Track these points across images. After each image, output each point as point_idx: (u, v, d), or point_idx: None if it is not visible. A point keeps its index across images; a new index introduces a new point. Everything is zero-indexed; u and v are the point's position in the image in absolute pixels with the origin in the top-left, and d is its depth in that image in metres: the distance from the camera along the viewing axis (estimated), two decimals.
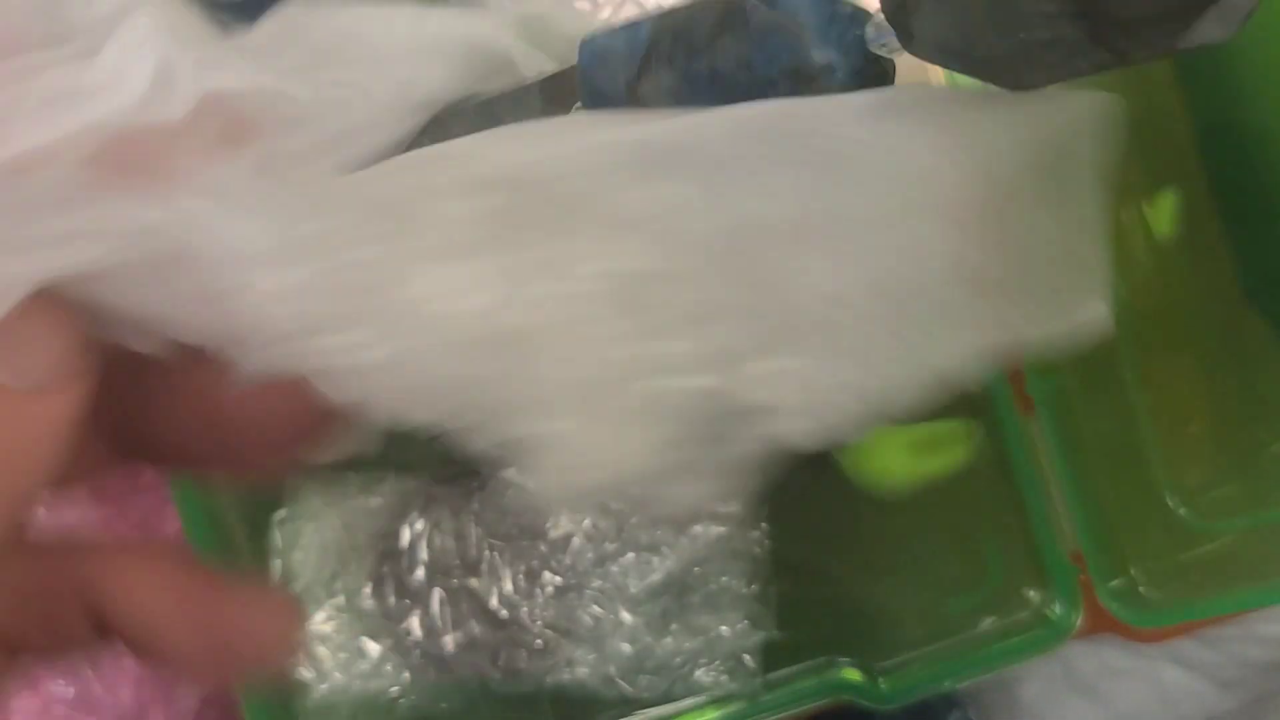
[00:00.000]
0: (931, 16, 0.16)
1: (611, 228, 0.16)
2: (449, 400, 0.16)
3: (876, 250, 0.16)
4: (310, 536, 0.42)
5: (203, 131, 0.15)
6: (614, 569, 0.42)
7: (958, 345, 0.16)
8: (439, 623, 0.41)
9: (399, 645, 0.41)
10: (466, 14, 0.26)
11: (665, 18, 0.19)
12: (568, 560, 0.42)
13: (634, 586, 0.41)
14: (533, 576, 0.41)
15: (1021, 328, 0.17)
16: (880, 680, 0.44)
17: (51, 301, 0.14)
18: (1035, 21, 0.14)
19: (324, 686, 0.41)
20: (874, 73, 0.18)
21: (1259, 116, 0.36)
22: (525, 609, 0.41)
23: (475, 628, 0.41)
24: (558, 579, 0.41)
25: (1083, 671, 0.52)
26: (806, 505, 0.45)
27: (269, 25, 0.19)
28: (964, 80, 0.16)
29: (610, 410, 0.16)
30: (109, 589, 0.16)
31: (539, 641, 0.41)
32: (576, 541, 0.42)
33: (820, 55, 0.17)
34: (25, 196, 0.14)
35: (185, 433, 0.17)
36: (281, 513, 0.42)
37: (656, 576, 0.41)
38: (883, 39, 0.17)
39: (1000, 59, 0.15)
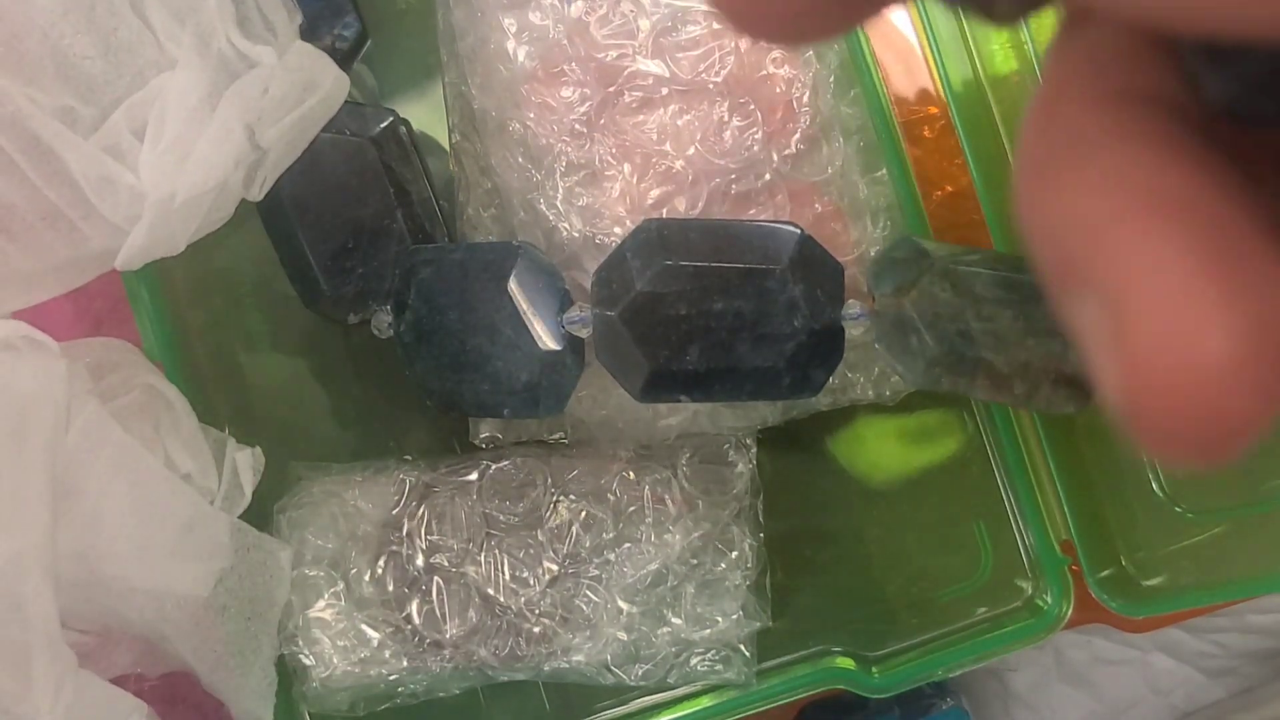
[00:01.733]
0: None
1: None
2: None
3: None
4: (311, 524, 0.42)
5: None
6: (611, 558, 0.42)
7: None
8: (438, 610, 0.41)
9: (399, 632, 0.41)
10: None
11: None
12: (565, 549, 0.42)
13: (631, 575, 0.42)
14: (531, 565, 0.42)
15: None
16: (873, 669, 0.44)
17: None
18: None
19: (323, 673, 0.41)
20: None
21: None
22: (523, 597, 0.41)
23: (474, 615, 0.41)
24: (555, 567, 0.42)
25: (1074, 661, 0.52)
26: (800, 497, 0.45)
27: None
28: None
29: None
30: None
31: (536, 629, 0.41)
32: (574, 530, 0.42)
33: None
34: None
35: None
36: (283, 500, 0.42)
37: (653, 566, 0.42)
38: None
39: None
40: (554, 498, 0.42)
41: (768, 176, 0.39)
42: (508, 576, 0.41)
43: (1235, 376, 0.10)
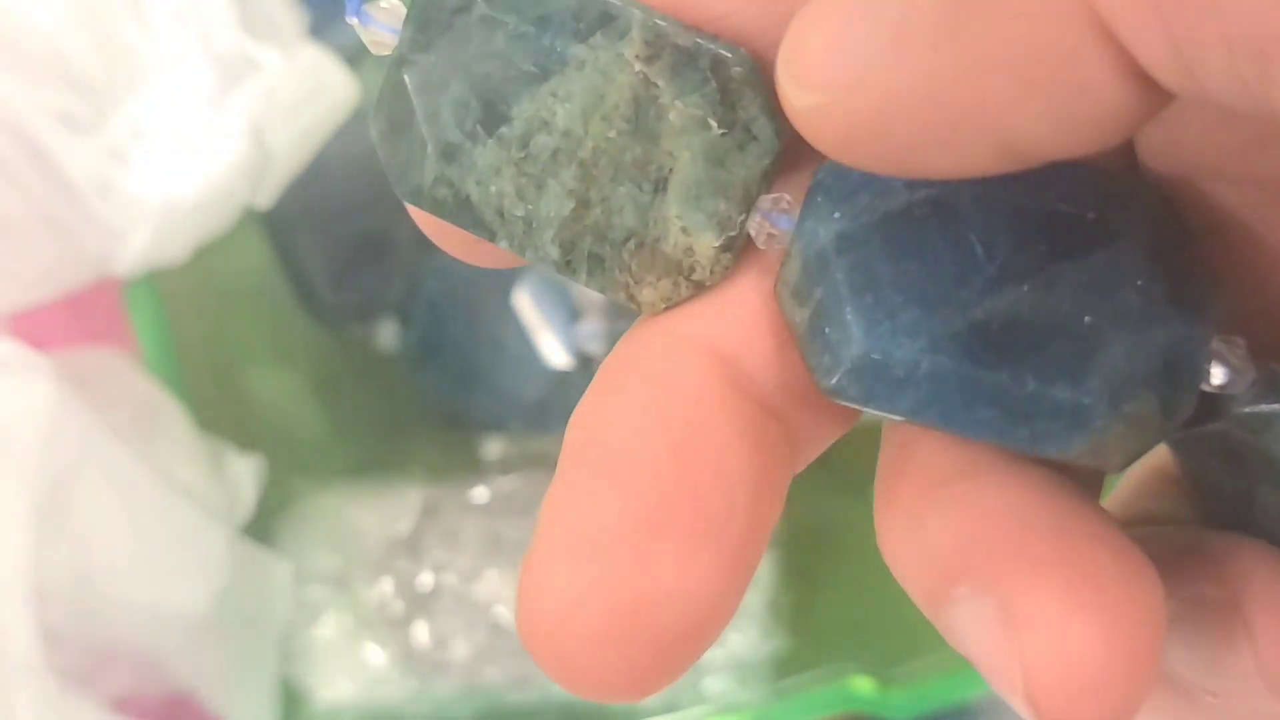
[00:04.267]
0: None
1: None
2: None
3: None
4: (313, 541, 0.42)
5: None
6: None
7: None
8: (446, 629, 0.41)
9: (405, 652, 0.41)
10: None
11: None
12: None
13: None
14: None
15: None
16: (892, 692, 0.43)
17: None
18: None
19: (328, 695, 0.41)
20: None
21: None
22: None
23: (482, 635, 0.41)
24: None
25: None
26: (819, 513, 0.44)
27: None
28: None
29: None
30: None
31: None
32: None
33: None
34: None
35: None
36: (284, 515, 0.42)
37: None
38: None
39: None
40: None
41: None
42: (517, 594, 0.41)
43: (1109, 684, 0.12)
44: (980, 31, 0.10)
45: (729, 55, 0.13)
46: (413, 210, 0.15)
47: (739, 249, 0.14)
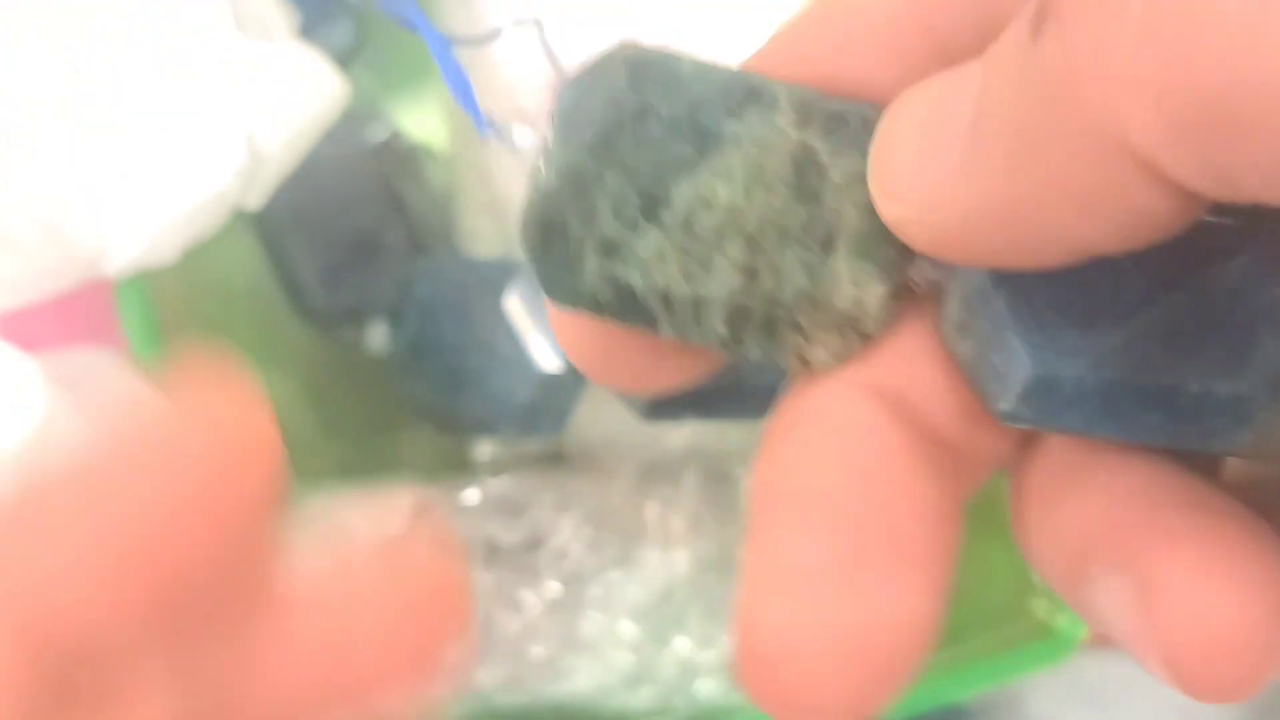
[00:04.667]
0: None
1: None
2: None
3: None
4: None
5: None
6: (615, 578, 0.41)
7: None
8: None
9: None
10: None
11: None
12: (567, 568, 0.41)
13: (635, 596, 0.41)
14: (532, 585, 0.41)
15: None
16: None
17: None
18: None
19: None
20: None
21: None
22: (524, 618, 0.41)
23: (473, 637, 0.41)
24: (557, 585, 0.41)
25: (1091, 683, 0.52)
26: None
27: None
28: None
29: None
30: None
31: (538, 650, 0.41)
32: (576, 549, 0.41)
33: None
34: None
35: None
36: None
37: (658, 585, 0.41)
38: None
39: None
40: (556, 516, 0.41)
41: None
42: (508, 597, 0.41)
43: (1247, 647, 0.13)
44: (1041, 168, 0.11)
45: (874, 114, 0.14)
46: (565, 336, 0.15)
47: (903, 295, 0.14)
